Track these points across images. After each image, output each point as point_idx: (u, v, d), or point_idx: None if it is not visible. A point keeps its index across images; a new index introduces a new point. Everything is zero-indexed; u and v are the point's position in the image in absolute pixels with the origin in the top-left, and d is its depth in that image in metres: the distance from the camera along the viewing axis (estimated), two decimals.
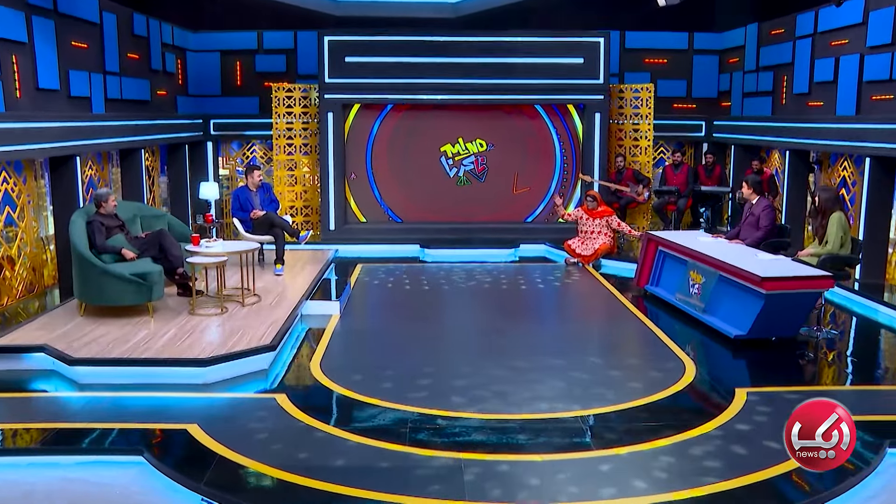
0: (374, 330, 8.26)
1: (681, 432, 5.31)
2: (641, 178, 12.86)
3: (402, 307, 9.18)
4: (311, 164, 13.59)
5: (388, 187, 13.44)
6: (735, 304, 7.54)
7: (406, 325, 8.32)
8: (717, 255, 7.83)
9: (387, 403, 5.86)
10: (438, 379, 6.44)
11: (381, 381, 6.37)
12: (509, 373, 6.55)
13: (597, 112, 12.96)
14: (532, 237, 12.86)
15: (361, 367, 6.81)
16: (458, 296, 9.73)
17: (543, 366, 6.79)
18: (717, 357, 7.32)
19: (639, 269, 9.61)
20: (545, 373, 6.60)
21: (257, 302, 8.29)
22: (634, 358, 7.16)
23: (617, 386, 6.30)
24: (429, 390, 6.18)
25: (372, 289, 10.11)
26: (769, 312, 7.08)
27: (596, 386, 6.29)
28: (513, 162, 13.35)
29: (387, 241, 12.75)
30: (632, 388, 6.24)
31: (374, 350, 7.48)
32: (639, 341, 7.82)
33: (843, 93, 10.47)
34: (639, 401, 5.95)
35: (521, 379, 6.42)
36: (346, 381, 6.37)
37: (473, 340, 7.75)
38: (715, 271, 7.83)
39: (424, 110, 13.22)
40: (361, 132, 13.29)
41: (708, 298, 7.94)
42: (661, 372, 6.66)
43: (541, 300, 9.87)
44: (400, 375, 6.52)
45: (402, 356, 7.15)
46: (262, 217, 9.91)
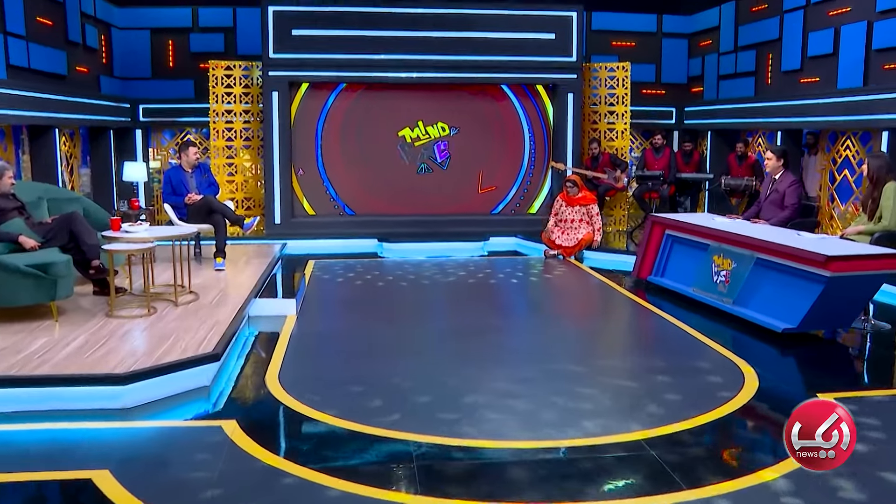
0: (340, 333, 6.46)
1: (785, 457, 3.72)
2: (619, 162, 11.40)
3: (367, 307, 7.43)
4: (253, 152, 11.70)
5: (341, 176, 11.67)
6: (779, 291, 6.05)
7: (378, 328, 6.55)
8: (755, 235, 6.33)
9: (375, 430, 4.13)
10: (434, 394, 4.74)
11: (361, 398, 4.63)
12: (519, 385, 4.87)
13: (569, 93, 11.45)
14: (501, 229, 11.26)
15: (332, 379, 5.05)
16: (431, 294, 8.02)
17: (560, 374, 5.14)
18: (765, 356, 5.77)
19: (639, 259, 8.07)
20: (566, 382, 4.96)
21: (194, 300, 6.43)
22: (671, 360, 5.54)
23: (668, 396, 4.68)
24: (425, 410, 4.46)
25: (330, 286, 8.33)
26: (828, 300, 5.60)
27: (642, 397, 4.66)
28: (478, 147, 11.73)
29: (340, 236, 10.99)
30: (689, 397, 4.63)
31: (344, 357, 5.70)
32: (668, 340, 6.22)
33: (845, 65, 9.18)
34: (708, 414, 4.34)
35: (538, 392, 4.76)
36: (314, 398, 4.61)
37: (463, 345, 6.03)
38: (751, 254, 6.32)
39: (381, 90, 11.50)
40: (310, 115, 11.49)
41: (740, 287, 6.42)
42: (714, 375, 5.10)
43: (530, 296, 8.24)
44: (383, 389, 4.79)
45: (381, 365, 5.40)
46: (199, 202, 8.02)
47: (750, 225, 7.04)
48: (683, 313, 6.83)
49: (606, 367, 5.30)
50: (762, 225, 7.11)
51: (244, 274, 7.68)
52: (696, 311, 6.88)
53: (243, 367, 5.37)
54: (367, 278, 8.59)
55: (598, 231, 9.68)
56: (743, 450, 4.02)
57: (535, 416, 4.34)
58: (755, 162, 10.96)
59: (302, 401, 4.56)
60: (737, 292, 6.46)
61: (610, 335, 6.63)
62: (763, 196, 7.47)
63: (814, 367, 5.55)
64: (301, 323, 6.55)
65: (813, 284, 5.63)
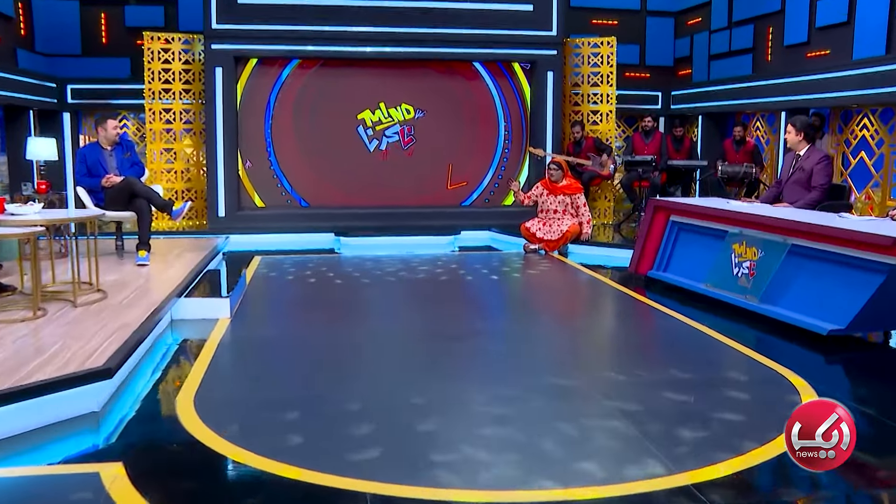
0: (283, 340, 5.24)
1: None
2: (604, 147, 10.36)
3: (319, 309, 6.24)
4: (195, 137, 10.44)
5: (294, 164, 10.50)
6: (821, 285, 4.99)
7: (330, 335, 5.33)
8: (789, 217, 5.27)
9: (314, 475, 2.93)
10: (395, 422, 3.55)
11: (299, 429, 3.43)
12: (503, 408, 3.68)
13: (549, 71, 10.41)
14: (474, 222, 10.19)
15: (264, 402, 3.84)
16: (395, 295, 6.85)
17: (555, 391, 4.00)
18: (812, 366, 4.69)
19: (638, 251, 7.00)
20: (564, 402, 3.83)
21: (100, 300, 5.17)
22: (693, 370, 4.42)
23: (713, 419, 3.55)
24: (383, 445, 3.27)
25: (275, 286, 7.14)
26: (889, 294, 4.52)
27: (667, 421, 3.52)
28: (446, 132, 10.63)
29: (293, 230, 9.87)
30: (733, 420, 3.51)
31: (284, 372, 4.49)
32: (683, 345, 5.10)
33: (863, 33, 8.22)
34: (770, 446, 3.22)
35: (529, 417, 3.60)
36: (235, 429, 3.40)
37: (433, 355, 4.84)
38: (783, 240, 5.25)
39: (338, 67, 10.35)
40: (259, 95, 10.30)
41: (768, 281, 5.35)
42: (755, 389, 4.00)
43: (512, 296, 7.12)
44: (329, 416, 3.59)
45: (330, 382, 4.20)
46: (120, 184, 6.74)
47: (776, 208, 6.00)
48: (696, 313, 5.72)
49: (613, 382, 4.16)
50: (789, 208, 6.08)
51: (171, 270, 6.42)
52: (710, 311, 5.79)
53: (156, 385, 4.14)
54: (321, 277, 7.39)
55: (587, 223, 8.62)
56: None
57: (527, 452, 3.17)
58: (754, 147, 10.10)
59: (219, 433, 3.35)
60: (764, 287, 5.38)
61: (611, 341, 5.49)
62: (785, 176, 6.43)
63: (883, 380, 4.45)
64: (235, 328, 5.33)
65: (869, 275, 4.58)
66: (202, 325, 5.35)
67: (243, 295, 6.32)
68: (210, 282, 6.41)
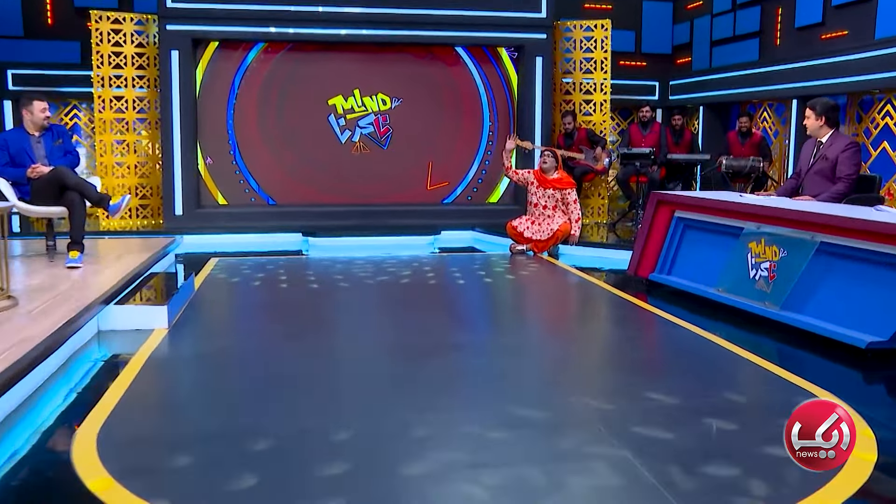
0: (226, 357, 4.55)
1: None
2: (598, 139, 9.79)
3: (276, 319, 5.58)
4: (150, 128, 9.76)
5: (259, 158, 9.86)
6: (857, 290, 4.39)
7: (286, 349, 4.65)
8: (816, 210, 4.67)
9: None
10: (355, 460, 2.89)
11: (227, 472, 2.76)
12: (485, 451, 3.04)
13: (538, 56, 9.82)
14: (456, 221, 9.63)
15: (188, 436, 3.17)
16: (365, 302, 6.19)
17: (550, 423, 3.36)
18: (846, 383, 4.07)
19: (638, 251, 6.40)
20: (562, 437, 3.18)
21: (8, 308, 4.47)
22: (717, 391, 3.77)
23: (742, 454, 2.91)
24: (338, 495, 2.61)
25: (229, 291, 6.48)
26: None
27: (698, 461, 2.88)
28: (426, 123, 10.02)
29: (257, 230, 9.29)
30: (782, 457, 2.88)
31: (222, 396, 3.82)
32: (701, 361, 4.43)
33: (886, 11, 7.73)
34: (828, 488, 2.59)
35: (518, 457, 2.97)
36: (143, 473, 2.74)
37: (404, 376, 4.16)
38: (811, 237, 4.64)
39: (308, 52, 9.74)
40: (220, 81, 9.66)
41: (792, 284, 4.74)
42: None
43: (498, 303, 6.49)
44: (268, 454, 2.93)
45: (276, 409, 3.53)
46: (49, 175, 6.04)
47: (797, 201, 5.41)
48: (707, 323, 5.12)
49: (622, 409, 3.51)
50: (807, 201, 5.49)
51: (105, 273, 5.72)
52: (723, 320, 5.21)
53: (64, 413, 3.47)
54: (282, 282, 6.72)
55: (576, 222, 8.00)
56: None
57: None
58: (761, 139, 9.56)
59: (120, 479, 2.69)
60: (787, 292, 4.77)
61: (611, 356, 4.84)
62: (805, 166, 5.84)
63: None
64: (173, 341, 4.66)
65: None
66: (134, 337, 4.69)
67: (188, 302, 5.65)
68: (149, 287, 5.72)
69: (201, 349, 4.68)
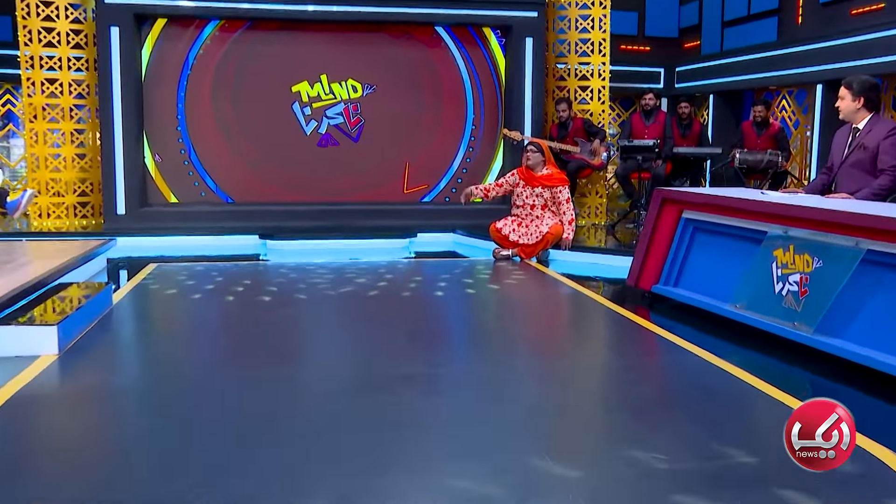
0: (135, 393, 3.76)
1: None
2: (596, 130, 9.21)
3: (211, 340, 4.83)
4: (89, 115, 9.06)
5: (214, 151, 9.21)
6: None
7: (216, 380, 3.89)
8: (860, 210, 3.95)
9: None
10: None
11: None
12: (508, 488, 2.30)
13: (528, 37, 9.20)
14: (434, 223, 9.05)
15: None
16: (324, 317, 5.44)
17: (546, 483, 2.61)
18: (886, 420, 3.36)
19: (639, 259, 5.71)
20: None
21: None
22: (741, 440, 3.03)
23: None
24: None
25: (159, 306, 5.74)
26: None
27: None
28: (402, 112, 9.39)
29: (210, 232, 8.73)
30: None
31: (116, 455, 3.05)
32: (718, 398, 3.65)
33: None
34: None
35: None
36: None
37: (366, 415, 3.37)
38: (854, 243, 3.91)
39: (270, 31, 9.11)
40: (169, 64, 9.01)
41: (829, 302, 4.02)
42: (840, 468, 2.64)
43: (478, 321, 5.73)
44: None
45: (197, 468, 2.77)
46: None
47: (835, 199, 4.72)
48: (721, 346, 4.43)
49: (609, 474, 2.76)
50: (842, 198, 4.81)
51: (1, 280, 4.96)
52: (742, 343, 4.51)
53: None
54: (229, 293, 5.95)
55: (569, 224, 7.32)
56: None
57: None
58: (779, 130, 9.05)
59: None
60: (822, 312, 4.05)
61: (605, 393, 4.07)
62: (838, 158, 5.16)
63: None
64: (61, 373, 3.91)
65: None
66: (14, 364, 3.94)
67: (99, 320, 4.89)
68: (47, 301, 4.96)
69: (97, 383, 3.88)
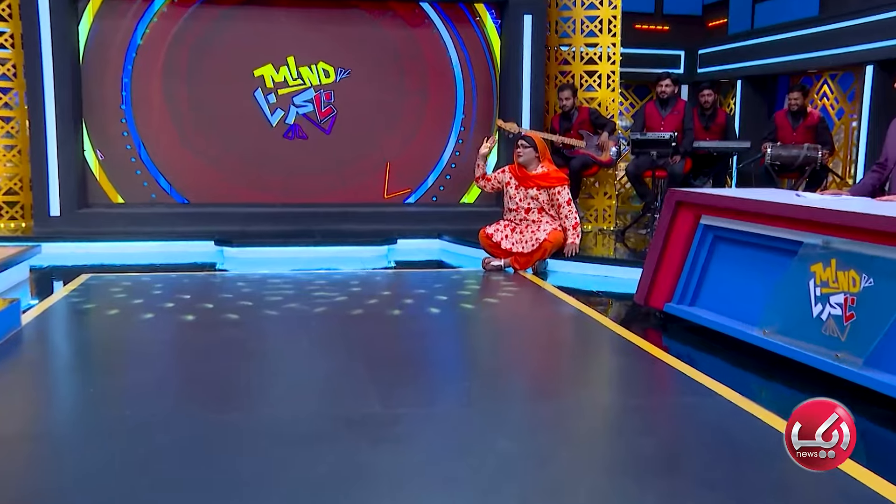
0: (28, 446, 3.30)
1: None
2: (604, 121, 8.96)
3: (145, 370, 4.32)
4: (17, 100, 8.80)
5: (165, 144, 9.03)
6: None
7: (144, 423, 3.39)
8: None
9: None
10: None
11: None
12: None
13: (526, 14, 8.94)
14: (418, 227, 8.84)
15: None
16: (280, 344, 4.98)
17: None
18: None
19: (649, 273, 5.36)
20: None
21: None
22: None
23: None
24: None
25: (77, 327, 5.35)
26: None
27: None
28: (381, 101, 9.20)
29: (160, 237, 8.46)
30: None
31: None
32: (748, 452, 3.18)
33: None
34: None
35: None
36: None
37: (334, 473, 2.92)
38: None
39: (229, 6, 8.90)
40: (112, 43, 8.79)
41: (883, 329, 3.62)
42: None
43: (464, 346, 5.36)
44: None
45: None
46: None
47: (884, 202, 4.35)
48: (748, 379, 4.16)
49: None
50: None
51: None
52: (772, 376, 4.18)
53: None
54: (171, 311, 5.51)
55: (573, 229, 7.05)
56: None
57: None
58: (819, 121, 8.90)
59: None
60: (874, 340, 3.65)
61: (604, 444, 3.57)
62: (893, 153, 4.93)
63: None
64: None
65: None
66: None
67: None
68: None
69: None
